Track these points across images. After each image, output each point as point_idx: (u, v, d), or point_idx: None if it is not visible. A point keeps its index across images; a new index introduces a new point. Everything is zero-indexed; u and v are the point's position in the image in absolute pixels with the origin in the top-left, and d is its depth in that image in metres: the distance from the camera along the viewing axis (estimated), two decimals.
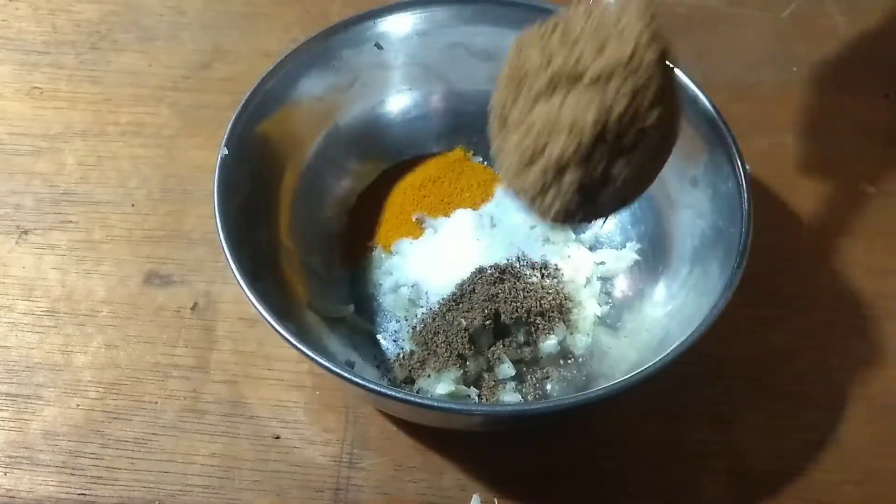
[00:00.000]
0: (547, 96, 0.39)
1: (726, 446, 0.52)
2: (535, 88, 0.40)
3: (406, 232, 0.58)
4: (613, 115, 0.38)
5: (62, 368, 0.54)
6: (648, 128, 0.39)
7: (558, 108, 0.38)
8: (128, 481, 0.50)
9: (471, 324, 0.51)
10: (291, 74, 0.55)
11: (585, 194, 0.40)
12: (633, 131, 0.39)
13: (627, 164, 0.39)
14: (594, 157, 0.38)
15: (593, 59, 0.38)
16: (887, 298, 0.58)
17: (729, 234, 0.49)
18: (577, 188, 0.39)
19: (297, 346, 0.43)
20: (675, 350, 0.44)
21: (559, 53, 0.39)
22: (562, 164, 0.39)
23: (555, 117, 0.38)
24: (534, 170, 0.40)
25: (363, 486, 0.50)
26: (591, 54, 0.38)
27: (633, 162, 0.39)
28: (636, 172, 0.40)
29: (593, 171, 0.39)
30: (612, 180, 0.39)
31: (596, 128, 0.38)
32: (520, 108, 0.41)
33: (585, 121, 0.38)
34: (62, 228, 0.60)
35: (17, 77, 0.69)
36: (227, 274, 0.51)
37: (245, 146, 0.52)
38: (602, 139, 0.38)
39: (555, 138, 0.38)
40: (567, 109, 0.38)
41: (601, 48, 0.38)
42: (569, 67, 0.39)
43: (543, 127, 0.39)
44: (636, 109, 0.38)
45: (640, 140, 0.39)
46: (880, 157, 0.66)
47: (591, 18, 0.40)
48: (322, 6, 0.74)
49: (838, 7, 0.76)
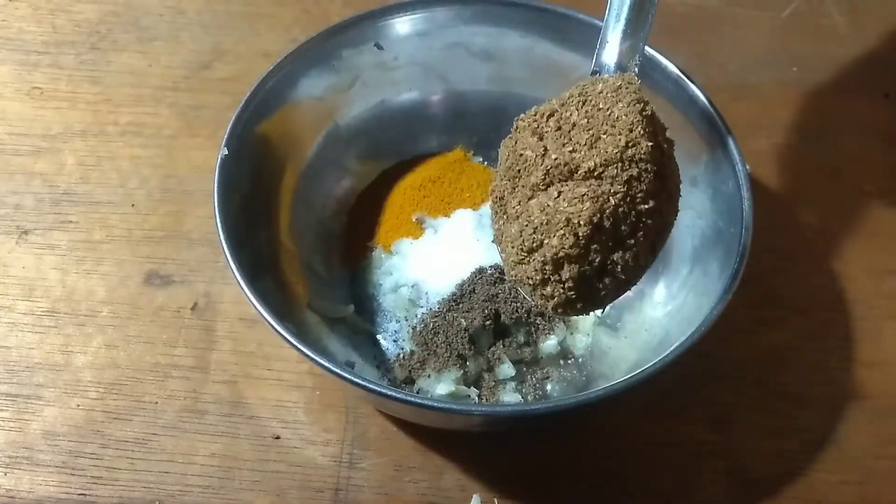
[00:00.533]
0: (543, 189, 0.40)
1: (726, 446, 0.52)
2: (532, 181, 0.40)
3: (406, 232, 0.58)
4: (609, 208, 0.38)
5: (62, 368, 0.54)
6: (645, 217, 0.39)
7: (554, 201, 0.39)
8: (128, 481, 0.50)
9: (471, 324, 0.51)
10: (291, 74, 0.55)
11: (585, 285, 0.40)
12: (629, 221, 0.39)
13: (626, 253, 0.40)
14: (591, 251, 0.39)
15: (587, 151, 0.39)
16: (887, 298, 0.58)
17: (729, 234, 0.49)
18: (576, 280, 0.39)
19: (297, 347, 0.43)
20: (675, 350, 0.44)
21: (554, 145, 0.40)
22: (558, 259, 0.39)
23: (551, 211, 0.39)
24: (533, 262, 0.40)
25: (363, 486, 0.50)
26: (586, 147, 0.39)
27: (632, 250, 0.40)
28: (635, 259, 0.40)
29: (591, 264, 0.39)
30: (612, 270, 0.40)
31: (591, 223, 0.38)
32: (518, 198, 0.41)
33: (581, 216, 0.38)
34: (62, 228, 0.60)
35: (17, 77, 0.69)
36: (227, 274, 0.51)
37: (245, 146, 0.52)
38: (599, 232, 0.39)
39: (551, 233, 0.39)
40: (563, 203, 0.39)
41: (595, 140, 0.39)
42: (563, 160, 0.39)
43: (540, 221, 0.39)
44: (632, 200, 0.39)
45: (638, 228, 0.40)
46: (880, 157, 0.66)
47: (585, 105, 0.40)
48: (322, 6, 0.74)
49: (838, 7, 0.76)
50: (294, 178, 0.56)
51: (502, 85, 0.61)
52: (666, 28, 0.73)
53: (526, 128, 0.42)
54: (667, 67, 0.54)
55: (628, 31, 0.46)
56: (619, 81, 0.41)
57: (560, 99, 0.42)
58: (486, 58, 0.60)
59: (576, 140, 0.39)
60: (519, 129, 0.42)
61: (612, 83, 0.41)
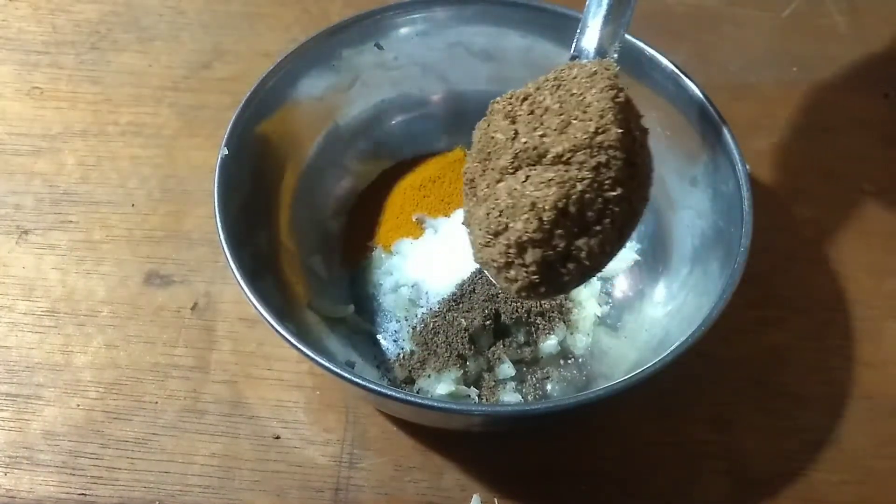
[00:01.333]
0: (511, 172, 0.39)
1: (726, 446, 0.52)
2: (501, 164, 0.40)
3: (406, 232, 0.58)
4: (575, 194, 0.38)
5: (62, 368, 0.54)
6: (613, 204, 0.39)
7: (522, 185, 0.39)
8: (128, 481, 0.50)
9: (471, 324, 0.51)
10: (291, 74, 0.55)
11: (548, 269, 0.39)
12: (596, 208, 0.39)
13: (591, 240, 0.39)
14: (555, 236, 0.38)
15: (557, 136, 0.38)
16: (887, 298, 0.58)
17: (729, 234, 0.49)
18: (540, 265, 0.39)
19: (297, 346, 0.43)
20: (675, 350, 0.44)
21: (525, 128, 0.39)
22: (522, 243, 0.39)
23: (518, 195, 0.38)
24: (498, 245, 0.40)
25: (363, 486, 0.50)
26: (556, 132, 0.38)
27: (597, 237, 0.39)
28: (601, 245, 0.40)
29: (555, 249, 0.39)
30: (576, 256, 0.39)
31: (556, 208, 0.38)
32: (487, 181, 0.41)
33: (546, 201, 0.38)
34: (62, 228, 0.60)
35: (17, 77, 0.69)
36: (227, 274, 0.51)
37: (245, 146, 0.52)
38: (564, 218, 0.38)
39: (516, 217, 0.38)
40: (529, 187, 0.38)
41: (565, 126, 0.38)
42: (533, 144, 0.39)
43: (506, 205, 0.39)
44: (599, 187, 0.38)
45: (605, 215, 0.39)
46: (880, 157, 0.66)
47: (559, 90, 0.40)
48: (322, 6, 0.74)
49: (838, 7, 0.76)
50: (294, 178, 0.56)
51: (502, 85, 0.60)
52: (666, 28, 0.73)
53: (500, 110, 0.41)
54: (667, 67, 0.54)
55: (609, 17, 0.46)
56: (596, 67, 0.40)
57: (536, 83, 0.42)
58: (486, 58, 0.60)
59: (547, 124, 0.39)
60: (493, 111, 0.42)
61: (588, 69, 0.40)
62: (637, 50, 0.55)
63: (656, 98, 0.55)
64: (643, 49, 0.55)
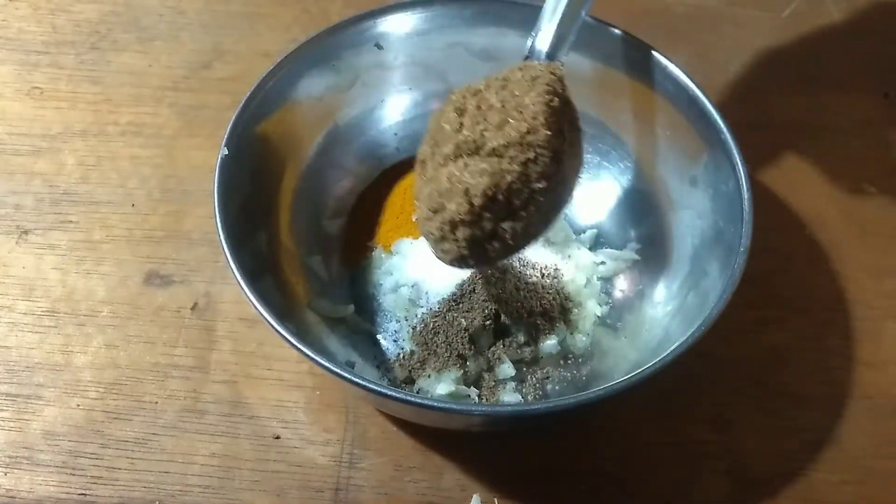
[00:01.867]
0: (453, 159, 0.44)
1: (726, 446, 0.52)
2: (445, 151, 0.45)
3: (406, 232, 0.58)
4: (504, 184, 0.43)
5: (62, 368, 0.54)
6: (538, 194, 0.44)
7: (460, 171, 0.44)
8: (128, 481, 0.50)
9: (471, 324, 0.51)
10: (291, 74, 0.55)
11: (476, 245, 0.44)
12: (522, 197, 0.44)
13: (516, 224, 0.44)
14: (483, 218, 0.44)
15: (495, 132, 0.43)
16: (887, 298, 0.58)
17: (729, 234, 0.49)
18: (469, 241, 0.44)
19: (297, 346, 0.43)
20: (675, 350, 0.44)
21: (469, 122, 0.45)
22: (455, 223, 0.44)
23: (455, 180, 0.44)
24: (435, 221, 0.45)
25: (363, 486, 0.50)
26: (494, 128, 0.43)
27: (522, 221, 0.45)
28: (525, 229, 0.45)
29: (482, 229, 0.44)
30: (501, 236, 0.44)
31: (486, 195, 0.43)
32: (433, 164, 0.46)
33: (477, 188, 0.43)
34: (62, 228, 0.60)
35: (17, 77, 0.69)
36: (227, 274, 0.51)
37: (245, 146, 0.51)
38: (492, 203, 0.43)
39: (451, 199, 0.44)
40: (465, 175, 0.43)
41: (503, 123, 0.43)
42: (473, 137, 0.44)
43: (445, 188, 0.44)
44: (527, 179, 0.43)
45: (530, 204, 0.44)
46: (880, 157, 0.66)
47: (504, 90, 0.45)
48: (322, 6, 0.74)
49: (838, 7, 0.76)
50: (294, 178, 0.56)
51: None
52: (666, 28, 0.73)
53: (453, 102, 0.46)
54: (667, 67, 0.54)
55: (563, 23, 0.50)
56: (540, 71, 0.45)
57: (488, 79, 0.46)
58: (486, 58, 0.60)
59: (489, 120, 0.44)
60: (448, 102, 0.46)
61: (533, 72, 0.45)
62: (637, 50, 0.55)
63: (656, 98, 0.55)
64: (643, 49, 0.55)
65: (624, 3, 0.73)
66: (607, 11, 0.57)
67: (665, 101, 0.55)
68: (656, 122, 0.56)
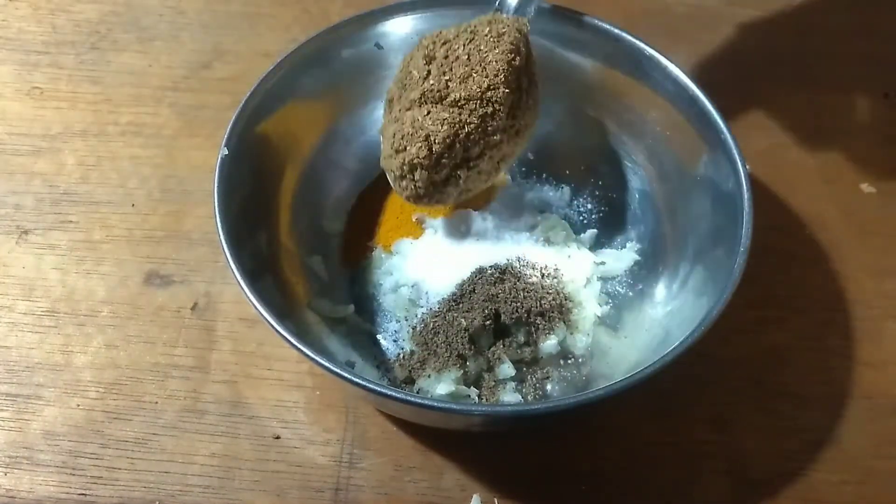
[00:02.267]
0: (418, 105, 0.48)
1: (726, 446, 0.52)
2: (411, 96, 0.48)
3: (406, 232, 0.58)
4: (462, 134, 0.47)
5: (62, 368, 0.54)
6: (493, 146, 0.49)
7: (423, 117, 0.47)
8: (128, 481, 0.50)
9: (471, 324, 0.51)
10: (291, 74, 0.55)
11: (432, 186, 0.49)
12: (478, 147, 0.48)
13: (469, 171, 0.49)
14: (441, 164, 0.48)
15: (458, 84, 0.47)
16: (887, 298, 0.58)
17: (729, 234, 0.49)
18: (426, 182, 0.49)
19: (297, 346, 0.43)
20: (675, 350, 0.44)
21: (436, 71, 0.48)
22: (414, 165, 0.48)
23: (418, 126, 0.48)
24: (397, 160, 0.49)
25: (363, 486, 0.50)
26: (458, 80, 0.47)
27: (475, 168, 0.49)
28: (478, 175, 0.50)
29: (438, 173, 0.49)
30: (455, 180, 0.49)
31: (444, 143, 0.47)
32: (399, 106, 0.49)
33: (437, 135, 0.47)
34: (62, 228, 0.60)
35: (17, 77, 0.69)
36: (227, 274, 0.51)
37: (245, 146, 0.52)
38: (450, 150, 0.48)
39: (413, 143, 0.48)
40: (428, 121, 0.47)
41: (467, 77, 0.47)
42: (437, 87, 0.48)
43: (408, 131, 0.48)
44: (483, 131, 0.48)
45: (485, 154, 0.49)
46: (880, 157, 0.66)
47: (471, 43, 0.48)
48: (322, 6, 0.74)
49: (838, 7, 0.75)
50: (294, 178, 0.56)
51: None
52: (666, 28, 0.73)
53: (423, 47, 0.49)
54: (667, 67, 0.54)
55: None
56: (507, 27, 0.48)
57: (458, 28, 0.50)
58: None
59: (454, 72, 0.48)
60: (419, 47, 0.50)
61: (499, 27, 0.48)
62: (637, 50, 0.55)
63: (656, 98, 0.55)
64: (643, 49, 0.55)
65: (624, 3, 0.73)
66: (607, 11, 0.57)
67: (665, 101, 0.55)
68: (656, 122, 0.56)
